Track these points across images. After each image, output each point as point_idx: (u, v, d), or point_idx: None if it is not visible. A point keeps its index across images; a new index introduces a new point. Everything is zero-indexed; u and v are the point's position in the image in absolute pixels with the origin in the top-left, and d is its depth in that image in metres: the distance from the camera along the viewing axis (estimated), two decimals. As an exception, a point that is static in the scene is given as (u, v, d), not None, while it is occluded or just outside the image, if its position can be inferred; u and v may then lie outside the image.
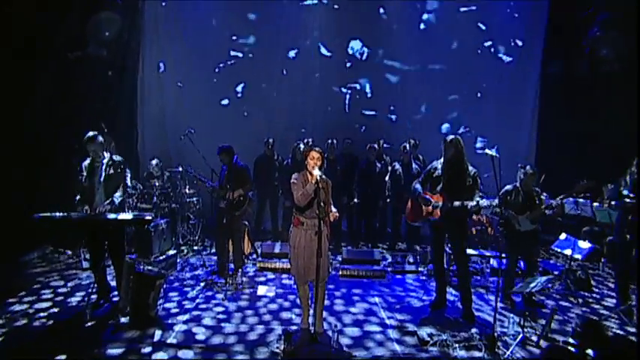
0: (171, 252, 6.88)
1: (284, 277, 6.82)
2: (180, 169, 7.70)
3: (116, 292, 5.40)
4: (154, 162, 8.33)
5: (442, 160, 5.61)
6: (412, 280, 6.93)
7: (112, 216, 4.98)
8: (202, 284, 6.24)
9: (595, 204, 6.34)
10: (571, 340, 4.35)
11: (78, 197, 5.31)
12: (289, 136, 9.34)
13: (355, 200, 8.46)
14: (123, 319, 4.88)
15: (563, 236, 6.84)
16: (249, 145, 8.69)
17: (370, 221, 8.68)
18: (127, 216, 5.06)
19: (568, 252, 6.56)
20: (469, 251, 6.11)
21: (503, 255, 5.89)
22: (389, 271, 7.09)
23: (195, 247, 7.92)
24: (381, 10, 9.86)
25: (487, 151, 5.06)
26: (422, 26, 9.92)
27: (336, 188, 8.10)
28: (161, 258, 6.51)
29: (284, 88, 9.94)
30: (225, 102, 9.91)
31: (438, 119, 10.02)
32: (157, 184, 7.69)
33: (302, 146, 8.12)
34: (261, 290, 6.11)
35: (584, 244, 6.58)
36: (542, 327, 5.08)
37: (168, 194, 8.01)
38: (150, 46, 9.57)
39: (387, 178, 8.48)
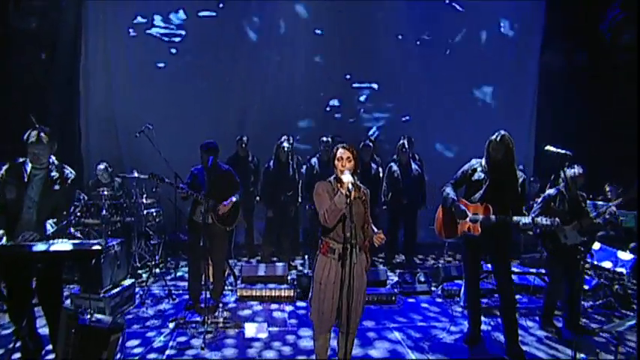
0: (128, 282, 5.34)
1: (273, 307, 5.47)
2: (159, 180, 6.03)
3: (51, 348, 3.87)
4: (101, 166, 6.73)
5: (484, 161, 4.46)
6: (428, 304, 5.76)
7: (40, 247, 3.41)
8: (171, 325, 4.78)
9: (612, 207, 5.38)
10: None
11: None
12: (269, 133, 7.96)
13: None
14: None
15: (597, 246, 5.90)
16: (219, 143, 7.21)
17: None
18: (63, 246, 3.46)
19: (608, 265, 5.62)
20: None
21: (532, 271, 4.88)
22: (398, 293, 5.89)
23: (157, 270, 6.36)
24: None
25: (550, 147, 3.97)
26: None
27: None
28: (114, 291, 4.98)
29: (260, 76, 8.49)
30: (187, 93, 8.34)
31: (433, 117, 8.95)
32: (105, 192, 6.10)
33: (286, 145, 6.79)
34: (250, 330, 4.72)
35: (625, 255, 5.65)
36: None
37: (121, 206, 6.42)
38: (94, 22, 7.88)
39: (383, 181, 7.30)
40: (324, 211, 3.33)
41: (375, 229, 3.55)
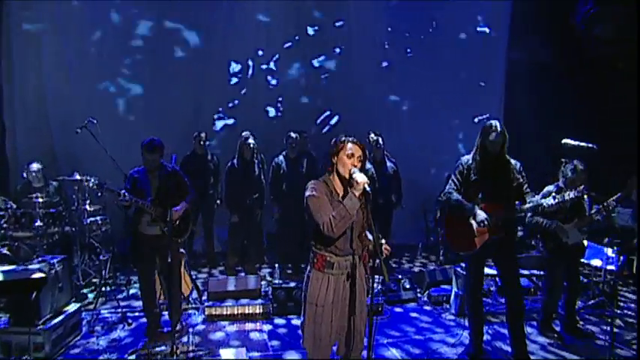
0: (72, 307, 4.42)
1: (249, 327, 4.77)
2: (79, 177, 5.06)
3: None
4: (35, 166, 5.65)
5: (477, 155, 4.04)
6: (417, 314, 5.29)
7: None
8: (132, 358, 3.96)
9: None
10: None
11: None
12: (230, 129, 7.21)
13: (319, 209, 6.59)
14: None
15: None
16: (172, 140, 6.31)
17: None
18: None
19: (597, 263, 5.42)
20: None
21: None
22: (383, 303, 5.36)
23: (107, 288, 5.40)
24: None
25: (568, 141, 3.60)
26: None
27: (300, 195, 6.40)
28: (56, 321, 4.06)
29: (217, 64, 7.67)
30: (136, 85, 7.38)
31: (399, 116, 8.54)
32: (39, 199, 5.11)
33: (251, 141, 6.08)
34: (227, 357, 4.01)
35: (610, 251, 5.47)
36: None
37: (59, 214, 5.42)
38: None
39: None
40: (328, 219, 2.74)
41: (371, 237, 3.01)
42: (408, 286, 5.71)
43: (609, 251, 5.33)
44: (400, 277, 5.85)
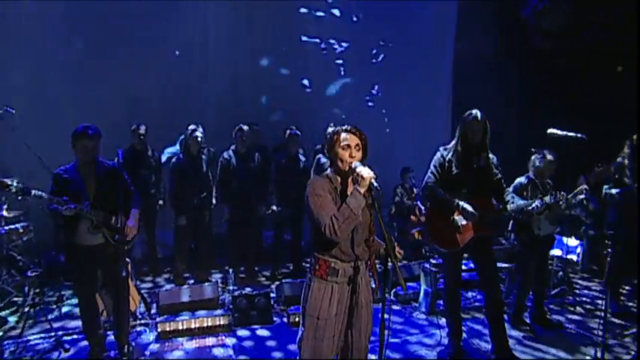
0: (-7, 335, 3.64)
1: (210, 342, 4.24)
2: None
3: None
4: None
5: (459, 147, 3.85)
6: (386, 314, 5.02)
7: None
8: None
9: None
10: None
11: None
12: (170, 123, 6.52)
13: (274, 208, 6.15)
14: None
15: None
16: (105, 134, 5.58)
17: (298, 235, 6.45)
18: None
19: (558, 252, 5.49)
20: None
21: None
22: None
23: (32, 310, 4.54)
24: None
25: (554, 130, 3.48)
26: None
27: (253, 194, 5.93)
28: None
29: (158, 50, 6.89)
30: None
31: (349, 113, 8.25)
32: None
33: (199, 135, 5.51)
34: (192, 382, 3.49)
35: (572, 242, 5.58)
36: None
37: (-31, 223, 4.52)
38: None
39: (311, 175, 6.40)
40: (330, 219, 2.39)
41: (380, 241, 2.72)
42: (373, 286, 5.43)
43: (569, 241, 5.42)
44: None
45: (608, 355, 3.98)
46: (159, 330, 4.27)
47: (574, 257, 5.54)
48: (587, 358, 3.57)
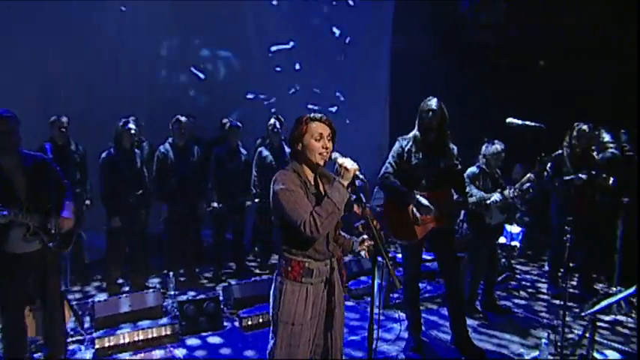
0: None
1: (157, 355, 3.84)
2: None
3: None
4: None
5: (417, 135, 3.78)
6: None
7: None
8: None
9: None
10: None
11: None
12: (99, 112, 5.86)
13: (215, 205, 5.76)
14: None
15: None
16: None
17: (240, 232, 6.10)
18: None
19: (502, 240, 5.65)
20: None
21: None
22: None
23: None
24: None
25: (512, 120, 3.50)
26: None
27: (191, 188, 5.51)
28: None
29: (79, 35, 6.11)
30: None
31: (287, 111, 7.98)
32: None
33: (132, 127, 5.00)
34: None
35: (514, 229, 5.78)
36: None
37: None
38: None
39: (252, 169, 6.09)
40: (310, 217, 2.20)
41: (347, 235, 2.58)
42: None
43: (511, 228, 5.60)
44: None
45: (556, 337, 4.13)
46: (96, 346, 3.78)
47: (517, 244, 5.75)
48: (543, 340, 3.64)
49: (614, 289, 4.68)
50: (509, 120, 3.60)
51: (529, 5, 6.67)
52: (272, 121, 6.18)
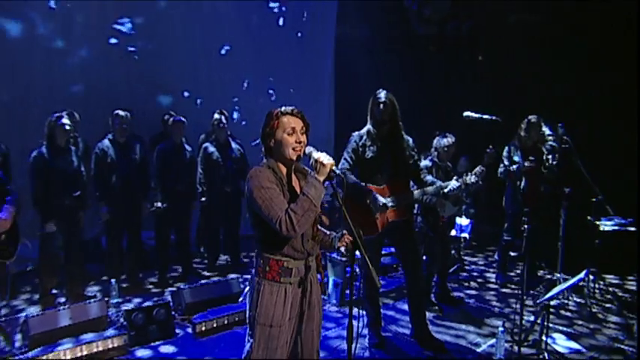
0: None
1: (103, 371, 3.53)
2: None
3: None
4: None
5: (370, 129, 3.75)
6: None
7: None
8: None
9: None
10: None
11: None
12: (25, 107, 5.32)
13: (158, 205, 5.43)
14: None
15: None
16: None
17: (185, 233, 5.78)
18: None
19: (452, 232, 5.76)
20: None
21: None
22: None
23: None
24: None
25: (469, 113, 3.54)
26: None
27: (133, 188, 5.18)
28: None
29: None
30: None
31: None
32: None
33: (66, 122, 4.58)
34: None
35: (463, 221, 5.92)
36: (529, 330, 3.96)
37: None
38: None
39: (197, 166, 5.81)
40: (286, 213, 2.10)
41: (327, 231, 2.49)
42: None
43: (460, 220, 5.73)
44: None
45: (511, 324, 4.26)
46: (31, 366, 3.41)
47: (466, 235, 5.89)
48: (500, 329, 3.73)
49: (557, 275, 4.89)
50: (466, 113, 3.64)
51: (472, 1, 6.87)
52: (217, 116, 5.94)
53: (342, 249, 2.37)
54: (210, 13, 7.29)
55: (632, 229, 4.69)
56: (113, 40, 6.51)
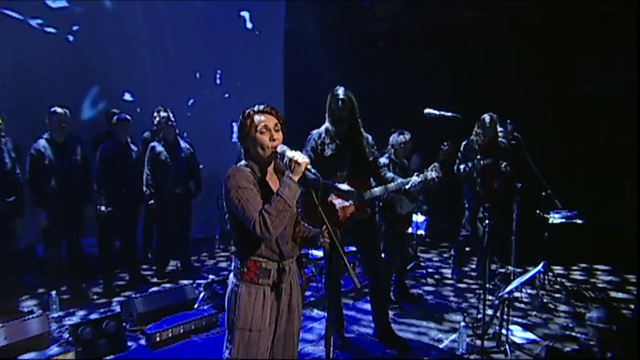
0: None
1: (47, 392, 3.20)
2: None
3: None
4: None
5: (329, 127, 3.68)
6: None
7: None
8: None
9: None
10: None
11: None
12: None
13: (102, 209, 5.06)
14: None
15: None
16: None
17: (131, 238, 5.44)
18: None
19: (409, 229, 5.79)
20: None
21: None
22: (216, 312, 4.42)
23: None
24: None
25: (430, 110, 3.54)
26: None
27: (74, 191, 4.81)
28: None
29: None
30: None
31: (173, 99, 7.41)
32: None
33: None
34: None
35: (419, 218, 5.97)
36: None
37: None
38: None
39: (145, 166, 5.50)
40: (260, 215, 2.00)
41: (310, 227, 2.41)
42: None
43: (416, 217, 5.77)
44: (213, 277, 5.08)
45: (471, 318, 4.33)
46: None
47: (422, 232, 5.95)
48: (462, 323, 3.76)
49: (511, 268, 5.02)
50: (426, 110, 3.63)
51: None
52: (163, 113, 5.68)
53: (327, 245, 2.26)
54: (156, 6, 6.95)
55: (578, 221, 4.91)
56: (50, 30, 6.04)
